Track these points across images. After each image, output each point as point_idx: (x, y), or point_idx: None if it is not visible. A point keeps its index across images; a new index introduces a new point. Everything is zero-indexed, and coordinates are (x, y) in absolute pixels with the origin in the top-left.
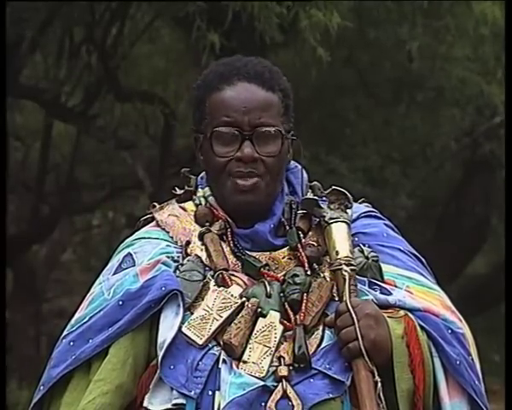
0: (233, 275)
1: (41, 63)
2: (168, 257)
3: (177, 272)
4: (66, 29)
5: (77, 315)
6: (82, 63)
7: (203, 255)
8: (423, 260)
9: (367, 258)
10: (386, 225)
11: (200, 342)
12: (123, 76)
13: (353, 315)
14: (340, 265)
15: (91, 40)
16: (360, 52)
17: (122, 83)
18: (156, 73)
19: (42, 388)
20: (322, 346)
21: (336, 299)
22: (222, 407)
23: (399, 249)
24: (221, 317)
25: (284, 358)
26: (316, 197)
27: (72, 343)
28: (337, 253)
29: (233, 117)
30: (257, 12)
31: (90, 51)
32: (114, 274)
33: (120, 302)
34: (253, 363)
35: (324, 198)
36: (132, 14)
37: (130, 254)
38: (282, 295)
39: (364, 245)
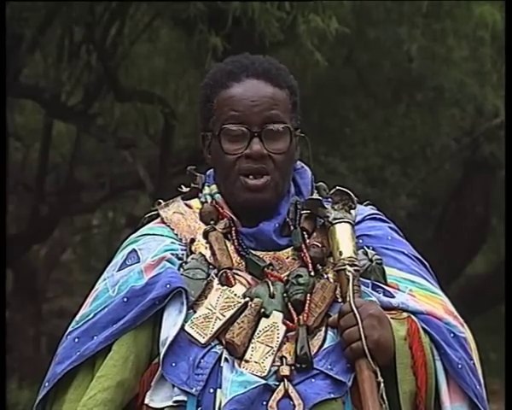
0: (237, 274)
1: (41, 63)
2: (172, 254)
3: (181, 269)
4: (66, 29)
5: (81, 312)
6: (82, 63)
7: (207, 253)
8: (427, 264)
9: (371, 260)
10: (390, 228)
11: (203, 341)
12: (123, 76)
13: (357, 315)
14: (344, 265)
15: (91, 40)
16: (360, 52)
17: (122, 82)
18: (156, 73)
19: (47, 384)
20: (324, 347)
21: (339, 300)
22: (223, 404)
23: (403, 253)
24: (224, 316)
25: (286, 358)
26: (320, 198)
27: (76, 340)
28: (341, 253)
29: (241, 111)
30: (257, 16)
31: (89, 51)
32: (119, 270)
33: (125, 299)
34: (255, 362)
35: (329, 199)
36: (132, 14)
37: (135, 251)
38: (285, 295)
39: (368, 247)
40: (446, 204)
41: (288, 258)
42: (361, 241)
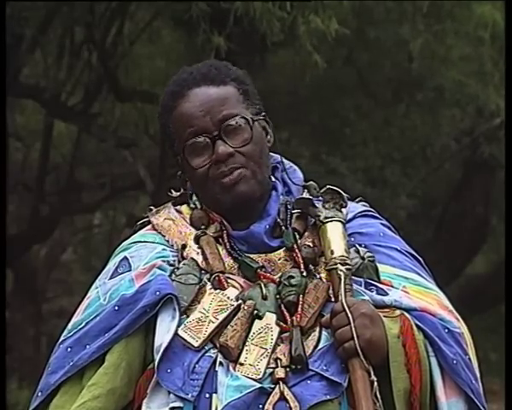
0: (229, 278)
1: (41, 62)
2: (164, 261)
3: (173, 275)
4: (67, 28)
5: (73, 320)
6: (82, 62)
7: (199, 258)
8: (421, 259)
9: (363, 258)
10: (382, 224)
11: (196, 345)
12: (123, 76)
13: (349, 315)
14: (336, 264)
15: (91, 40)
16: (360, 52)
17: (122, 82)
18: (156, 73)
19: (40, 394)
20: (318, 347)
21: (333, 300)
22: (219, 409)
23: (396, 249)
24: (217, 319)
25: (281, 360)
26: (310, 197)
27: (69, 349)
28: (332, 252)
29: (196, 124)
30: (259, 16)
31: (90, 50)
32: (111, 279)
33: (116, 308)
34: (250, 365)
35: (320, 198)
36: (132, 14)
37: (127, 259)
38: (278, 296)
39: (361, 245)
40: (446, 204)
41: (280, 259)
42: (353, 239)
